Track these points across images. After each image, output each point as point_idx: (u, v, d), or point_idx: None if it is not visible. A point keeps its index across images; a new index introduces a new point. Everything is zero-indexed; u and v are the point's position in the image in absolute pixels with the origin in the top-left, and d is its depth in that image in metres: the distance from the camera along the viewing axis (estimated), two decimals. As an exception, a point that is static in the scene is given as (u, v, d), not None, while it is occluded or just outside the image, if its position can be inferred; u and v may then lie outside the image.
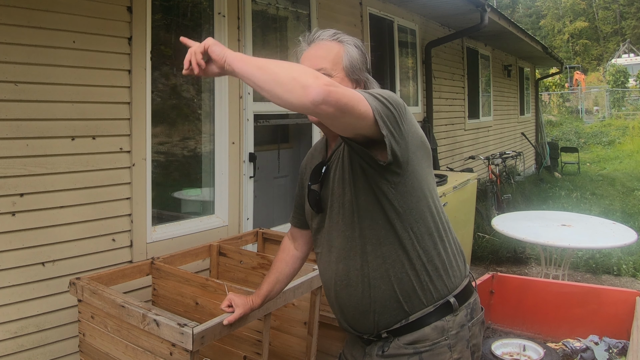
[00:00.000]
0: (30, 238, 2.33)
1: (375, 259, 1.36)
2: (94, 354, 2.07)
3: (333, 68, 1.40)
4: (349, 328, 1.47)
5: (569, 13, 43.97)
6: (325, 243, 1.47)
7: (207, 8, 3.33)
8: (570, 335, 2.60)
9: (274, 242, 2.99)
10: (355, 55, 1.43)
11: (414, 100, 6.23)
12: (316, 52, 1.42)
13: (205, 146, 3.37)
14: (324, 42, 1.43)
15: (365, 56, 1.46)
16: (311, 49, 1.43)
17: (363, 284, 1.38)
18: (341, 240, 1.41)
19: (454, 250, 1.45)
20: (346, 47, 1.42)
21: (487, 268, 5.09)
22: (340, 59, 1.41)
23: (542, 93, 22.24)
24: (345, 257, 1.40)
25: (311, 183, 1.50)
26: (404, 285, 1.36)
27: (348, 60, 1.41)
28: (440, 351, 1.36)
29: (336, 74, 1.40)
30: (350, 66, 1.41)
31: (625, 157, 15.00)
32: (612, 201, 8.12)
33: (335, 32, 1.44)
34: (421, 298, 1.37)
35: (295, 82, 1.07)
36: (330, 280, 1.46)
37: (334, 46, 1.42)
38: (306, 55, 1.43)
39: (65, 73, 2.42)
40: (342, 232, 1.40)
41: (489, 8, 5.92)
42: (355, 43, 1.45)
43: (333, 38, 1.43)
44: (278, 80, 1.09)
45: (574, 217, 4.29)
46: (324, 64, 1.39)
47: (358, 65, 1.43)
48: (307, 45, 1.45)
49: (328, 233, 1.45)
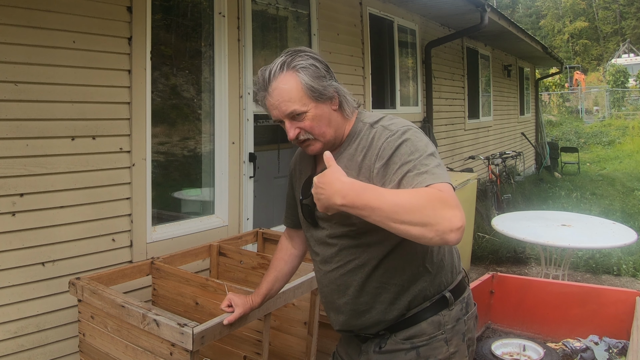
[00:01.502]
0: (30, 238, 2.33)
1: (374, 263, 1.36)
2: (94, 354, 2.07)
3: (302, 104, 1.32)
4: (344, 328, 1.47)
5: (569, 13, 43.97)
6: (321, 251, 1.45)
7: (207, 8, 3.33)
8: (570, 335, 2.60)
9: (274, 242, 2.99)
10: (311, 74, 1.32)
11: (414, 100, 6.23)
12: (278, 99, 1.32)
13: (205, 146, 3.37)
14: (278, 80, 1.33)
15: (322, 63, 1.37)
16: (272, 94, 1.34)
17: (362, 287, 1.38)
18: (337, 248, 1.40)
19: (451, 248, 1.47)
20: (300, 76, 1.32)
21: (487, 268, 5.08)
22: (303, 92, 1.32)
23: (542, 93, 22.24)
24: (343, 265, 1.39)
25: (302, 197, 1.48)
26: (403, 285, 1.37)
27: (308, 89, 1.32)
28: (436, 345, 1.37)
29: (307, 107, 1.33)
30: (314, 91, 1.32)
31: (625, 157, 14.99)
32: (612, 201, 8.12)
33: (282, 62, 1.34)
34: (419, 295, 1.38)
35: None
36: (327, 285, 1.46)
37: (290, 82, 1.32)
38: (270, 101, 1.35)
39: (65, 73, 2.42)
40: (338, 239, 1.39)
41: (489, 8, 5.92)
42: (307, 58, 1.35)
43: (285, 70, 1.33)
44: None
45: (574, 217, 4.29)
46: (292, 106, 1.32)
47: (320, 83, 1.33)
48: (264, 90, 1.36)
49: (324, 242, 1.43)
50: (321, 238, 1.44)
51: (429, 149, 1.28)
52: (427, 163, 1.24)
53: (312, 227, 1.47)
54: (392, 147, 1.29)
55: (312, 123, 1.34)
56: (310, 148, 1.39)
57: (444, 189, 1.16)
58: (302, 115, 1.33)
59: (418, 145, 1.28)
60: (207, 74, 3.33)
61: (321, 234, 1.43)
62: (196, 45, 3.38)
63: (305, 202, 1.47)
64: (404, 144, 1.28)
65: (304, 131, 1.35)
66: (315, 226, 1.45)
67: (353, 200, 1.14)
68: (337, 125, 1.39)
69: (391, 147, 1.29)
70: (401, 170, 1.24)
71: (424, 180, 1.19)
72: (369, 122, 1.40)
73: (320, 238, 1.44)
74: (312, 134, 1.35)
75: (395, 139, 1.30)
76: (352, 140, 1.39)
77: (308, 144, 1.38)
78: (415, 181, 1.20)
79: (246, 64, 3.43)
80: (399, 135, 1.30)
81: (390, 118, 1.40)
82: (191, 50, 3.37)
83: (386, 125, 1.36)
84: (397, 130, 1.32)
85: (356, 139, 1.39)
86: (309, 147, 1.39)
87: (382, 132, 1.34)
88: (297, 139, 1.37)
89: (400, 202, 1.11)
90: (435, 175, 1.20)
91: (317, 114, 1.34)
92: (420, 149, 1.27)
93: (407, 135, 1.30)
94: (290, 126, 1.35)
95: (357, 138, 1.39)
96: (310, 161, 1.52)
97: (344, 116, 1.41)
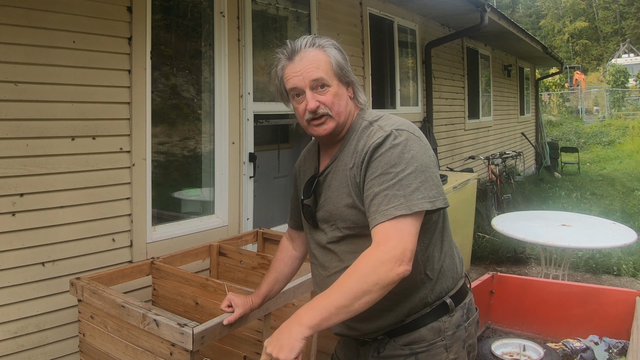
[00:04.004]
0: (30, 238, 2.33)
1: None
2: (94, 354, 2.07)
3: (329, 77, 1.36)
4: (342, 332, 1.46)
5: (569, 13, 43.96)
6: (321, 255, 1.44)
7: (207, 8, 3.33)
8: (570, 335, 2.60)
9: (274, 242, 2.99)
10: (339, 58, 1.39)
11: (414, 100, 6.23)
12: (306, 65, 1.36)
13: (205, 146, 3.37)
14: (307, 52, 1.37)
15: (345, 54, 1.43)
16: (297, 63, 1.37)
17: None
18: (337, 254, 1.39)
19: (452, 253, 1.45)
20: (329, 53, 1.38)
21: (487, 268, 5.08)
22: (330, 67, 1.37)
23: (542, 93, 22.24)
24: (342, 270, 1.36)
25: (304, 197, 1.48)
26: (402, 293, 1.35)
27: (336, 65, 1.38)
28: (436, 352, 1.35)
29: (332, 82, 1.37)
30: (340, 71, 1.39)
31: (625, 157, 14.99)
32: (612, 201, 8.12)
33: (312, 39, 1.40)
34: (419, 302, 1.37)
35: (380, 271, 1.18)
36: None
37: (319, 54, 1.37)
38: (293, 69, 1.37)
39: (65, 73, 2.42)
40: (337, 244, 1.39)
41: (489, 8, 5.92)
42: (333, 44, 1.41)
43: (314, 46, 1.38)
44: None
45: (574, 217, 4.29)
46: (319, 73, 1.35)
47: (345, 67, 1.40)
48: (288, 59, 1.39)
49: (325, 246, 1.43)
50: (321, 241, 1.43)
51: (415, 162, 1.26)
52: (408, 183, 1.24)
53: (312, 228, 1.46)
54: (378, 151, 1.29)
55: (334, 99, 1.36)
56: (324, 127, 1.38)
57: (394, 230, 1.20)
58: (325, 88, 1.36)
59: (405, 156, 1.27)
60: (207, 74, 3.33)
61: (321, 237, 1.43)
62: (196, 45, 3.38)
63: (306, 203, 1.47)
64: (391, 150, 1.28)
65: (324, 105, 1.36)
66: (315, 227, 1.45)
67: (311, 319, 1.16)
68: (349, 111, 1.42)
69: (378, 150, 1.29)
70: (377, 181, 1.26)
71: (393, 210, 1.21)
72: (369, 119, 1.41)
73: (319, 241, 1.44)
74: (331, 111, 1.36)
75: (384, 141, 1.29)
76: (351, 137, 1.40)
77: (323, 122, 1.37)
78: (385, 206, 1.23)
79: (246, 64, 3.43)
80: (391, 139, 1.29)
81: (388, 117, 1.40)
82: (191, 50, 3.37)
83: (382, 125, 1.35)
84: (390, 132, 1.31)
85: (354, 136, 1.39)
86: (323, 126, 1.38)
87: (377, 131, 1.34)
88: (316, 113, 1.36)
89: (347, 288, 1.18)
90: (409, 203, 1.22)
91: (339, 92, 1.38)
92: (405, 160, 1.26)
93: (399, 140, 1.29)
94: (312, 97, 1.36)
95: (356, 134, 1.39)
96: (313, 162, 1.53)
97: (355, 106, 1.44)
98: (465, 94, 7.69)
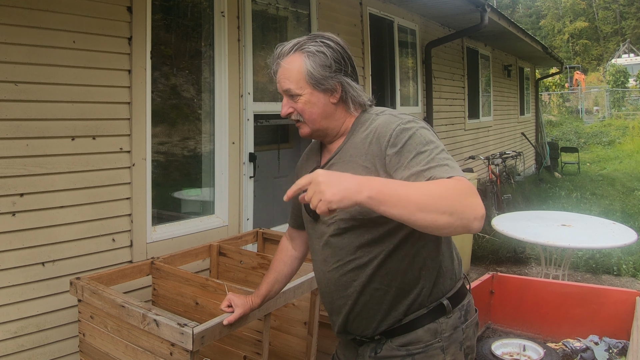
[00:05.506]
0: (30, 238, 2.33)
1: (374, 267, 1.35)
2: (94, 354, 2.07)
3: (298, 87, 1.36)
4: (343, 331, 1.47)
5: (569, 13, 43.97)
6: (321, 250, 1.44)
7: (207, 8, 3.33)
8: (570, 335, 2.60)
9: (274, 242, 2.99)
10: (319, 61, 1.34)
11: (414, 100, 6.23)
12: (281, 75, 1.39)
13: (205, 146, 3.37)
14: (286, 59, 1.37)
15: (340, 54, 1.37)
16: (277, 72, 1.40)
17: (361, 289, 1.37)
18: (338, 248, 1.39)
19: (451, 253, 1.45)
20: (306, 58, 1.34)
21: (487, 268, 5.09)
22: (302, 77, 1.35)
23: (542, 93, 22.24)
24: (343, 264, 1.38)
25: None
26: (402, 289, 1.36)
27: (308, 72, 1.34)
28: (433, 353, 1.35)
29: (302, 91, 1.36)
30: (314, 77, 1.34)
31: (625, 157, 14.99)
32: (612, 201, 8.12)
33: (296, 42, 1.37)
34: (416, 301, 1.37)
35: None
36: (327, 286, 1.45)
37: (295, 61, 1.36)
38: (277, 77, 1.41)
39: (65, 73, 2.42)
40: (339, 237, 1.39)
41: (489, 8, 5.92)
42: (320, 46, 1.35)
43: (294, 50, 1.37)
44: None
45: (574, 217, 4.29)
46: (288, 85, 1.37)
47: (325, 72, 1.34)
48: (275, 64, 1.41)
49: (326, 240, 1.43)
50: (322, 235, 1.43)
51: (440, 143, 1.28)
52: (444, 156, 1.24)
53: (314, 222, 1.46)
54: (405, 135, 1.27)
55: (304, 107, 1.39)
56: (300, 130, 1.45)
57: (464, 180, 1.18)
58: (296, 97, 1.39)
59: (430, 137, 1.28)
60: (207, 74, 3.33)
61: (322, 230, 1.43)
62: (196, 45, 3.38)
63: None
64: (417, 132, 1.28)
65: (296, 112, 1.41)
66: (317, 220, 1.45)
67: (380, 190, 1.07)
68: (332, 117, 1.41)
69: (404, 135, 1.27)
70: (418, 159, 1.22)
71: (446, 172, 1.19)
72: (375, 112, 1.41)
73: (321, 234, 1.43)
74: (302, 117, 1.41)
75: (407, 127, 1.29)
76: (357, 130, 1.39)
77: (299, 125, 1.45)
78: (437, 172, 1.19)
79: (246, 64, 3.43)
80: (411, 124, 1.30)
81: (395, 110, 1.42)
82: (191, 50, 3.37)
83: (395, 114, 1.36)
84: (409, 119, 1.32)
85: (362, 128, 1.39)
86: (300, 129, 1.45)
87: (392, 119, 1.33)
88: (290, 118, 1.43)
89: (428, 192, 1.10)
90: (454, 168, 1.21)
91: (311, 100, 1.38)
92: (434, 140, 1.28)
93: (420, 124, 1.32)
94: (286, 103, 1.42)
95: (363, 127, 1.38)
96: (315, 159, 1.53)
97: (345, 110, 1.42)
98: (465, 94, 7.69)
